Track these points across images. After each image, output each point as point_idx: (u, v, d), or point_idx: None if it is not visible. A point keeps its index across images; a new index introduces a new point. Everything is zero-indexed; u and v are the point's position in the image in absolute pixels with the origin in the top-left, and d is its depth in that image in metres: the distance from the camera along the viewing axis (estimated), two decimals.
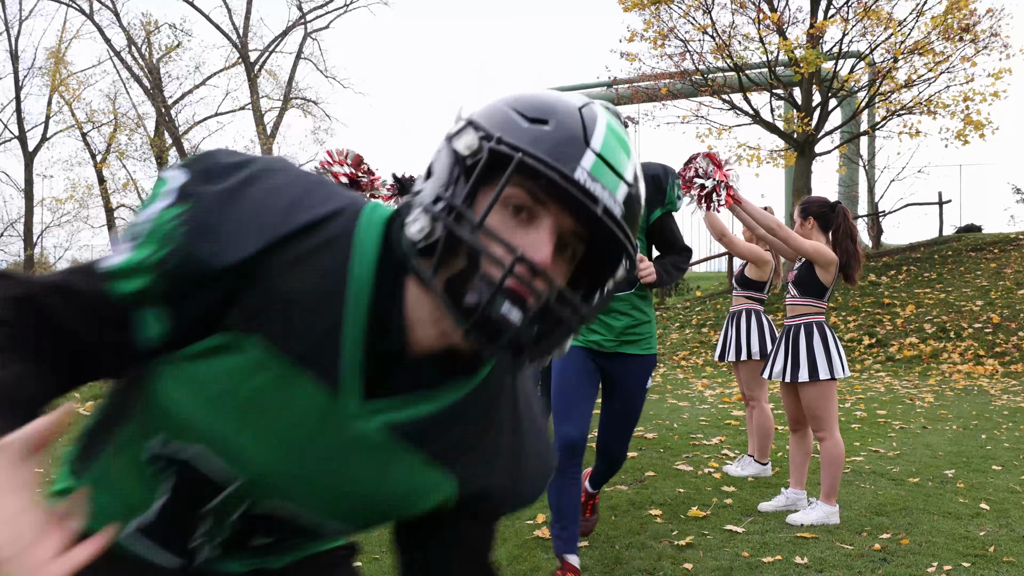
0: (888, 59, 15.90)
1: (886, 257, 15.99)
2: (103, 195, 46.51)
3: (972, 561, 3.39)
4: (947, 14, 14.94)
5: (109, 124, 45.78)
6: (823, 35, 16.07)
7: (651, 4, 16.18)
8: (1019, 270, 14.20)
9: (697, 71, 16.76)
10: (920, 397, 8.48)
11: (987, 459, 5.41)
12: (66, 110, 45.78)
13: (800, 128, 16.22)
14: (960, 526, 3.88)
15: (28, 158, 46.79)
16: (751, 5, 16.28)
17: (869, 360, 11.55)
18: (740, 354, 4.91)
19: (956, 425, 6.79)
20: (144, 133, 45.44)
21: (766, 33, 16.37)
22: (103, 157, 45.94)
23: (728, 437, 6.26)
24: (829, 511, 3.95)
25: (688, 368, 11.55)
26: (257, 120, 42.06)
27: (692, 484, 4.74)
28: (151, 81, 43.17)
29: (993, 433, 6.40)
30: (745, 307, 4.99)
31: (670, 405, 8.02)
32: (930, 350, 11.54)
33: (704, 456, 5.56)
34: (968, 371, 10.52)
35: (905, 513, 4.11)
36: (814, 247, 3.94)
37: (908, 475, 4.96)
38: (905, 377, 10.32)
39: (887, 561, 3.40)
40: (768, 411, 4.98)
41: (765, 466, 4.99)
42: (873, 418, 7.14)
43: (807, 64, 15.22)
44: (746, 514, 4.14)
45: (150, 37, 43.81)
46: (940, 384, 9.60)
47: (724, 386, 9.54)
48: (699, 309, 15.51)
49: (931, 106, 15.81)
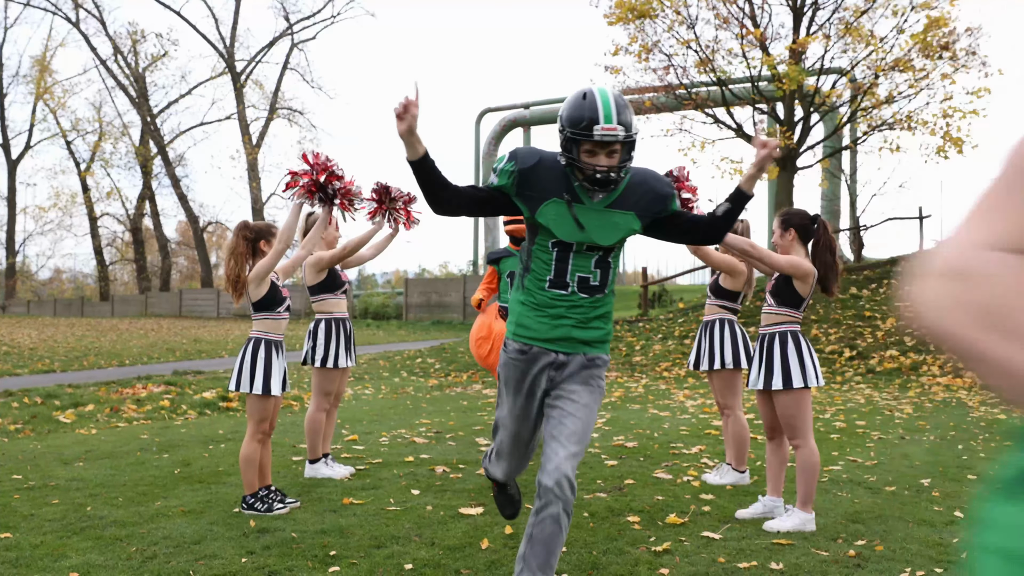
0: (869, 75, 16.09)
1: (867, 270, 16.12)
2: (87, 203, 46.29)
3: (945, 567, 3.43)
4: (926, 32, 15.14)
5: (94, 132, 45.69)
6: (805, 51, 16.26)
7: (636, 19, 16.31)
8: None
9: (681, 85, 16.90)
10: (899, 409, 8.56)
11: (963, 469, 5.47)
12: (51, 118, 45.66)
13: (783, 143, 16.37)
14: (934, 533, 3.92)
15: (11, 166, 46.55)
16: (734, 21, 16.46)
17: (850, 372, 11.64)
18: (713, 363, 4.95)
19: (934, 436, 6.86)
20: (129, 142, 45.32)
21: (749, 48, 16.55)
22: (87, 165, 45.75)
23: (708, 446, 6.29)
24: (805, 518, 3.99)
25: (670, 379, 11.60)
26: (243, 130, 42.01)
27: (671, 492, 4.77)
28: (137, 90, 43.09)
29: (970, 444, 6.46)
30: (719, 316, 5.03)
31: (651, 415, 8.06)
32: (910, 363, 11.65)
33: (684, 465, 5.59)
34: (947, 383, 10.62)
35: (880, 521, 4.15)
36: (789, 262, 3.98)
37: (885, 484, 5.01)
38: (885, 389, 10.40)
39: (861, 567, 3.44)
40: (743, 419, 5.02)
41: (743, 474, 5.02)
42: (852, 428, 7.20)
43: (789, 80, 15.38)
44: (723, 521, 4.17)
45: (136, 46, 43.76)
46: (919, 396, 9.68)
47: (705, 396, 9.58)
48: (681, 320, 15.59)
49: (911, 122, 16.00)
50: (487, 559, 3.51)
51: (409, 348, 17.23)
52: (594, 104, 2.68)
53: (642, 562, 3.48)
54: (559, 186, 2.77)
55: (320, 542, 3.73)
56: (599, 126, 2.65)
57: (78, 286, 61.37)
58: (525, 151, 2.84)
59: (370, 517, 4.17)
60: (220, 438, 6.71)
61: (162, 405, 8.74)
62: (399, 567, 3.40)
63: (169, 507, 4.37)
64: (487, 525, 4.03)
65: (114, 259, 51.62)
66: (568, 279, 2.83)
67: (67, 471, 5.33)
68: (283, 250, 4.31)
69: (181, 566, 3.41)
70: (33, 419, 7.73)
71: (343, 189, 4.52)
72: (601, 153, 2.69)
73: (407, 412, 8.53)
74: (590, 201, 2.79)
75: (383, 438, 6.72)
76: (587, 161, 2.70)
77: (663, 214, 2.91)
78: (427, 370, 13.51)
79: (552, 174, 2.78)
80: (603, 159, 2.70)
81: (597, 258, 2.85)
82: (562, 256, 2.82)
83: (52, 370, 12.75)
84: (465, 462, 5.66)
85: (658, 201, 2.87)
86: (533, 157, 2.80)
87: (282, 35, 43.10)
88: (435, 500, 4.55)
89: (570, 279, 2.84)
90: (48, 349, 16.94)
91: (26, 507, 4.38)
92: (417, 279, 33.11)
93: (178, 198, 43.24)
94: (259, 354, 4.29)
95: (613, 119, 2.66)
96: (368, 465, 5.56)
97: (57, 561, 3.47)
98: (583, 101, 2.69)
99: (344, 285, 5.26)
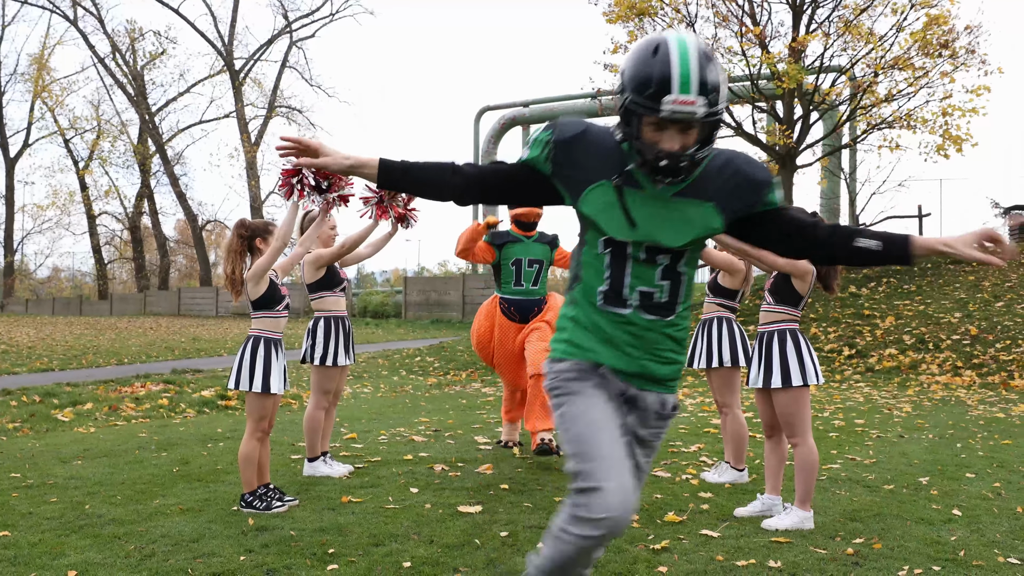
0: (869, 73, 16.09)
1: (866, 269, 16.13)
2: (85, 202, 46.26)
3: (943, 565, 3.43)
4: (926, 30, 15.15)
5: (92, 131, 45.66)
6: (805, 49, 16.25)
7: (635, 16, 16.30)
8: (997, 283, 14.37)
9: None
10: (898, 407, 8.56)
11: (961, 467, 5.47)
12: (48, 116, 45.62)
13: (782, 141, 16.37)
14: (932, 531, 3.93)
15: (9, 164, 46.50)
16: (734, 19, 16.45)
17: (849, 371, 11.65)
18: (711, 361, 4.95)
19: (932, 434, 6.86)
20: (127, 140, 45.29)
21: (748, 47, 16.54)
22: (85, 164, 45.72)
23: (707, 445, 6.30)
24: (803, 516, 3.99)
25: None
26: (241, 128, 41.98)
27: (669, 490, 4.77)
28: (135, 88, 43.04)
29: (968, 442, 6.47)
30: (717, 315, 5.03)
31: None
32: (909, 361, 11.65)
33: (682, 463, 5.59)
34: (946, 382, 10.63)
35: (879, 519, 4.15)
36: (788, 260, 3.98)
37: (883, 482, 5.01)
38: (884, 388, 10.41)
39: (859, 565, 3.44)
40: (741, 417, 5.02)
41: (742, 472, 5.02)
42: (851, 427, 7.20)
43: (789, 78, 15.38)
44: (722, 519, 4.17)
45: (134, 44, 43.72)
46: (918, 395, 9.69)
47: (705, 395, 9.59)
48: None
49: (911, 120, 16.00)
50: (485, 557, 3.51)
51: (408, 347, 17.22)
52: (668, 62, 1.94)
53: (640, 560, 3.48)
54: (610, 165, 2.11)
55: (318, 540, 3.73)
56: (671, 96, 1.93)
57: (76, 285, 61.36)
58: (567, 120, 2.19)
59: (369, 515, 4.17)
60: (219, 436, 6.71)
61: (161, 404, 8.73)
62: (397, 565, 3.40)
63: (167, 505, 4.37)
64: (485, 523, 4.03)
65: (112, 258, 51.63)
66: (626, 294, 2.13)
67: (65, 469, 5.32)
68: (281, 248, 4.31)
69: (179, 564, 3.40)
70: (31, 418, 7.73)
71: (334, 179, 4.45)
72: (671, 130, 1.99)
73: (406, 410, 8.53)
74: (652, 187, 2.09)
75: (382, 436, 6.72)
76: (650, 139, 2.01)
77: (755, 209, 2.16)
78: (426, 368, 13.51)
79: (602, 149, 2.12)
80: (673, 139, 2.00)
81: (664, 267, 2.13)
82: (617, 262, 2.13)
83: (50, 369, 12.74)
84: (464, 460, 5.66)
85: (750, 190, 2.14)
86: (577, 127, 2.15)
87: (281, 33, 43.08)
88: (434, 498, 4.55)
89: (629, 294, 2.13)
90: (46, 348, 16.93)
91: (24, 505, 4.38)
92: (416, 277, 33.12)
93: (177, 196, 43.21)
94: (258, 352, 4.29)
95: (693, 87, 1.93)
96: (367, 463, 5.56)
97: (55, 559, 3.47)
98: (652, 57, 1.97)
99: (343, 283, 5.26)
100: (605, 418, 2.07)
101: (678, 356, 2.21)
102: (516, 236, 5.68)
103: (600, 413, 2.07)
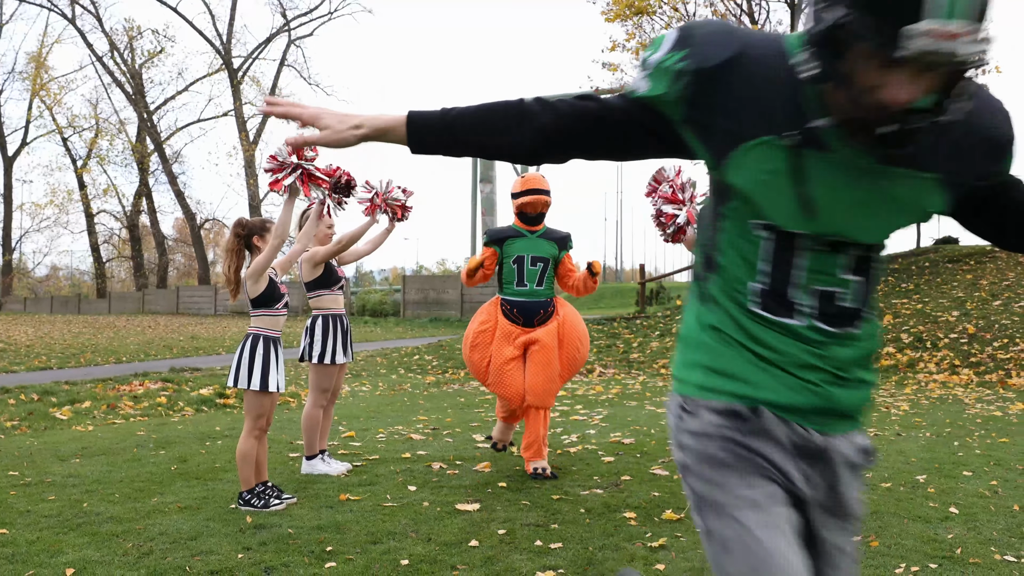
0: None
1: None
2: (83, 200, 46.25)
3: (939, 563, 3.44)
4: None
5: (90, 129, 45.65)
6: None
7: (633, 15, 16.32)
8: (994, 282, 14.39)
9: None
10: (896, 405, 8.57)
11: (958, 465, 5.48)
12: (47, 115, 45.59)
13: None
14: (929, 529, 3.93)
15: (7, 163, 46.47)
16: (732, 17, 16.46)
17: None
18: None
19: (929, 432, 6.87)
20: (126, 138, 45.28)
21: None
22: (84, 162, 45.69)
23: None
24: None
25: (667, 376, 11.61)
26: (240, 126, 41.98)
27: (667, 488, 4.78)
28: (133, 86, 43.02)
29: (965, 440, 6.47)
30: None
31: (648, 412, 8.07)
32: (907, 359, 11.66)
33: None
34: (944, 380, 10.64)
35: (876, 516, 4.16)
36: None
37: (880, 480, 5.02)
38: (881, 386, 10.42)
39: (856, 562, 3.44)
40: None
41: None
42: None
43: None
44: None
45: (133, 42, 43.70)
46: (916, 393, 9.70)
47: None
48: (679, 318, 15.60)
49: None
50: (483, 555, 3.51)
51: (406, 345, 17.23)
52: None
53: (638, 558, 3.49)
54: (780, 110, 1.32)
55: (316, 538, 3.74)
56: (926, 24, 1.12)
57: (75, 283, 61.34)
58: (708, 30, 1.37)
59: (367, 513, 4.18)
60: (217, 434, 6.71)
61: (159, 402, 8.74)
62: (395, 563, 3.40)
63: (165, 503, 4.37)
64: (483, 521, 4.03)
65: (111, 256, 51.59)
66: (796, 296, 1.40)
67: (63, 468, 5.33)
68: (278, 246, 4.31)
69: (177, 562, 3.41)
70: (30, 416, 7.73)
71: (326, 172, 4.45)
72: (905, 73, 1.17)
73: (404, 409, 8.54)
74: (847, 149, 1.30)
75: (380, 435, 6.72)
76: (866, 83, 1.19)
77: (989, 179, 1.42)
78: (424, 367, 13.52)
79: (768, 85, 1.32)
80: (902, 86, 1.18)
81: (857, 257, 1.41)
82: (783, 249, 1.40)
83: (49, 367, 12.73)
84: (462, 458, 5.67)
85: (990, 154, 1.38)
86: (727, 45, 1.33)
87: (279, 31, 43.06)
88: (432, 496, 4.55)
89: (800, 295, 1.40)
90: (45, 346, 16.92)
91: (22, 503, 4.38)
92: (415, 276, 33.13)
93: (175, 195, 43.19)
94: (257, 350, 4.29)
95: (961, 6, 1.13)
96: (365, 461, 5.56)
97: (53, 557, 3.47)
98: None
99: (341, 281, 5.26)
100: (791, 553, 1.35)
101: (870, 376, 1.48)
102: (519, 231, 4.99)
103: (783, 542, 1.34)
